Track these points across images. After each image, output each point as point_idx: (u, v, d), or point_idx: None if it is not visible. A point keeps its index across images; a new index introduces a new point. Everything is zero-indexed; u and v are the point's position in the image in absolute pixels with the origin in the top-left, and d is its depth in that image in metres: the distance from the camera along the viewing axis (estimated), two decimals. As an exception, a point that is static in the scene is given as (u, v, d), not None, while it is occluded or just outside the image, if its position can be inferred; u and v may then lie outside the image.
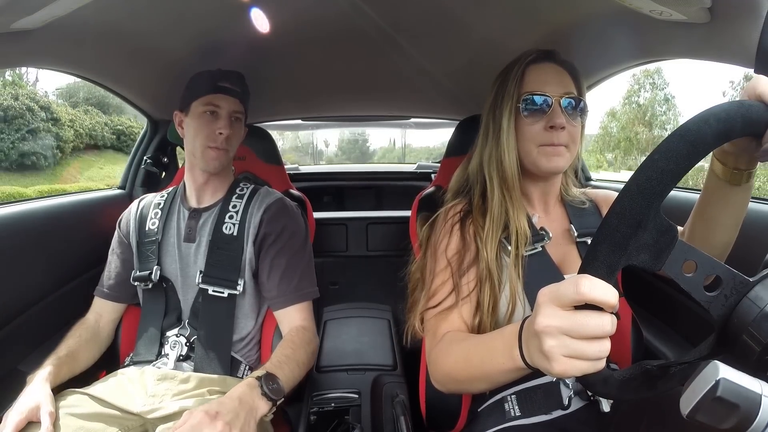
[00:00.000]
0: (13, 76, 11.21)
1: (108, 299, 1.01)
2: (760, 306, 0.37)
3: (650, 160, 0.40)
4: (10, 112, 10.73)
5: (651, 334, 1.02)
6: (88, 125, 13.27)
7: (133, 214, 1.04)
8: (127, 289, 1.02)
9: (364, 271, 1.79)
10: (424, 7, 0.99)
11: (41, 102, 11.77)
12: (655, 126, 12.43)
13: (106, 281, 1.02)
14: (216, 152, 0.97)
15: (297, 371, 0.85)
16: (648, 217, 0.39)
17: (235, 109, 0.99)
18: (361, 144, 12.56)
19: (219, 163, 0.98)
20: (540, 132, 0.73)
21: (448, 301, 0.73)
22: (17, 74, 11.23)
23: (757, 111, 0.42)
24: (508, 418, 0.73)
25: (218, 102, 0.97)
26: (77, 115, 13.21)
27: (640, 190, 0.39)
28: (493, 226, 0.75)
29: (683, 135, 0.39)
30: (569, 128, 0.73)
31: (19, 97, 10.49)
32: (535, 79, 0.75)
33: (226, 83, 0.98)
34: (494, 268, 0.73)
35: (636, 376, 0.44)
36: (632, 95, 15.94)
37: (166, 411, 0.81)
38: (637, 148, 16.08)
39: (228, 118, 0.98)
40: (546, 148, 0.73)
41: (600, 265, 0.40)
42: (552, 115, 0.72)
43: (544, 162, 0.74)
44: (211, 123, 0.96)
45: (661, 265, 0.40)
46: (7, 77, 11.21)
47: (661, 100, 13.39)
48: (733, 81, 10.58)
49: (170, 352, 0.93)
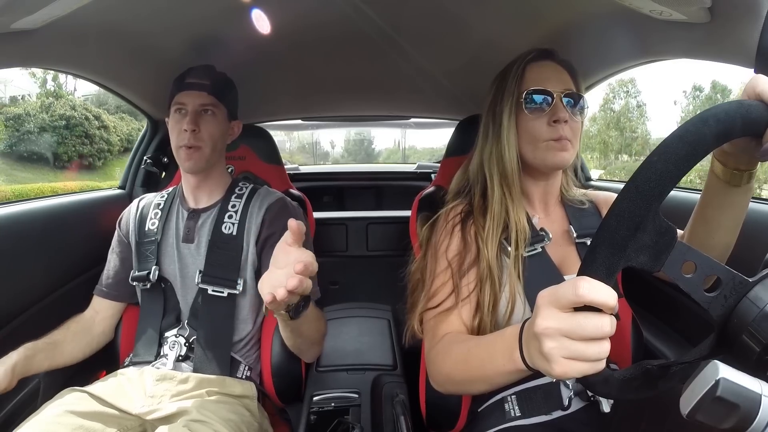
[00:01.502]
0: (56, 87, 12.33)
1: (106, 298, 1.01)
2: (760, 306, 0.37)
3: (649, 161, 0.39)
4: (72, 121, 12.50)
5: (651, 334, 1.02)
6: (126, 131, 14.69)
7: (133, 214, 1.04)
8: (125, 288, 1.01)
9: (364, 271, 1.79)
10: (424, 8, 0.99)
11: (93, 111, 13.52)
12: (625, 130, 13.70)
13: (105, 280, 1.02)
14: (186, 151, 0.95)
15: (315, 327, 0.83)
16: (647, 218, 0.39)
17: (201, 102, 0.96)
18: (366, 146, 12.70)
19: (193, 162, 0.95)
20: (544, 127, 0.74)
21: (448, 302, 0.73)
22: (58, 83, 12.26)
23: (756, 111, 0.42)
24: (508, 419, 0.73)
25: (183, 100, 0.96)
26: (116, 122, 14.68)
27: (639, 191, 0.39)
28: (493, 224, 0.75)
29: (682, 136, 0.39)
30: (571, 123, 0.74)
31: (77, 107, 11.98)
32: (535, 77, 0.76)
33: (191, 79, 0.97)
34: (495, 267, 0.73)
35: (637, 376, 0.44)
36: (608, 102, 18.02)
37: (164, 412, 0.81)
38: (611, 150, 18.29)
39: (193, 114, 0.95)
40: (552, 143, 0.73)
41: (599, 267, 0.40)
42: (555, 110, 0.73)
43: (551, 157, 0.74)
44: (180, 121, 0.95)
45: (661, 266, 0.40)
46: (49, 87, 12.41)
47: (633, 107, 14.85)
48: (685, 91, 11.99)
49: (169, 353, 0.93)
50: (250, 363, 0.98)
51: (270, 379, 0.98)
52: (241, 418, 0.85)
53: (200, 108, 0.96)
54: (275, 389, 0.98)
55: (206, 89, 0.96)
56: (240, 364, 0.96)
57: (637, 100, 15.05)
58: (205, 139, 0.96)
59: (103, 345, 1.00)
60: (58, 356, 0.89)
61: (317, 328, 0.86)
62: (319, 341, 0.90)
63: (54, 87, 12.26)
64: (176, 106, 0.97)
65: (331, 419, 1.07)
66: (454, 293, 0.73)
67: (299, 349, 0.89)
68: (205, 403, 0.83)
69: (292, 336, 0.82)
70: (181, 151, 0.95)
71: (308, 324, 0.81)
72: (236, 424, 0.82)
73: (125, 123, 14.96)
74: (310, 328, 0.83)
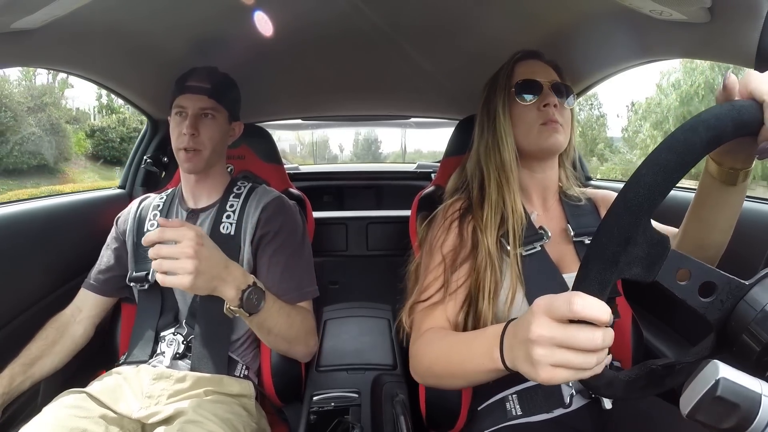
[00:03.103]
0: (109, 101, 12.89)
1: (93, 291, 1.00)
2: (758, 308, 0.37)
3: (637, 175, 0.39)
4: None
5: (651, 334, 1.02)
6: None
7: (132, 214, 1.04)
8: (114, 283, 1.01)
9: (364, 270, 1.79)
10: (424, 8, 0.99)
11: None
12: (587, 137, 14.90)
13: (95, 275, 1.01)
14: (185, 154, 0.95)
15: (285, 323, 0.86)
16: (637, 232, 0.39)
17: (201, 106, 0.96)
18: (374, 150, 12.88)
19: (192, 164, 0.96)
20: (535, 112, 0.78)
21: (436, 296, 0.74)
22: (110, 99, 12.82)
23: (748, 112, 0.41)
24: (509, 417, 0.74)
25: (183, 103, 0.96)
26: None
27: (627, 207, 0.39)
28: (491, 212, 0.76)
29: (670, 147, 0.39)
30: (560, 109, 0.78)
31: (126, 122, 12.50)
32: (524, 71, 0.81)
33: (192, 82, 0.96)
34: (495, 254, 0.74)
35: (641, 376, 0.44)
36: (575, 114, 19.76)
37: (162, 415, 0.81)
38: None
39: (193, 118, 0.95)
40: (544, 126, 0.77)
41: (592, 283, 0.41)
42: (544, 96, 0.78)
43: (544, 139, 0.77)
44: (180, 124, 0.95)
45: (654, 275, 0.40)
46: (103, 100, 13.00)
47: (596, 117, 16.52)
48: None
49: (167, 350, 0.93)
50: (247, 362, 0.98)
51: (269, 378, 0.98)
52: (238, 417, 0.85)
53: (200, 111, 0.96)
54: (275, 389, 0.98)
55: (206, 92, 0.96)
56: (237, 363, 0.96)
57: (599, 111, 16.59)
58: (204, 143, 0.96)
59: (82, 347, 0.98)
60: (38, 372, 0.89)
61: (289, 324, 0.87)
62: (297, 338, 0.90)
63: (107, 101, 13.02)
64: (176, 109, 0.97)
65: (331, 419, 1.07)
66: (443, 288, 0.74)
67: (277, 347, 0.91)
68: (202, 402, 0.83)
69: (261, 333, 0.85)
70: (181, 153, 0.96)
71: (274, 319, 0.83)
72: (233, 424, 0.82)
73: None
74: (279, 324, 0.85)
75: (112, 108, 12.75)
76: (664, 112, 12.47)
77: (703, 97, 11.26)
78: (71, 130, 10.58)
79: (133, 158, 1.49)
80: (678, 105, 11.83)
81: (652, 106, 13.44)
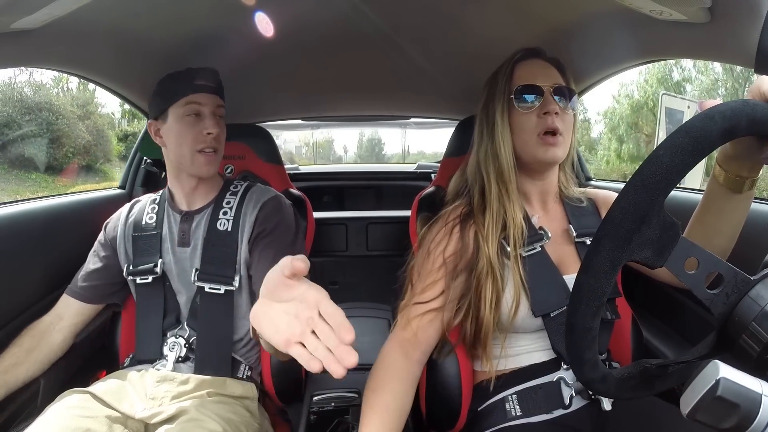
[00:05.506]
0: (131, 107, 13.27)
1: (77, 298, 0.97)
2: (761, 305, 0.37)
3: (655, 155, 0.39)
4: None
5: (651, 334, 1.01)
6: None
7: (124, 216, 1.03)
8: (99, 290, 0.98)
9: (364, 271, 1.79)
10: (423, 8, 0.99)
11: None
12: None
13: (80, 282, 0.98)
14: (206, 156, 0.94)
15: None
16: (652, 212, 0.39)
17: (218, 104, 0.96)
18: (378, 151, 12.98)
19: (214, 166, 0.95)
20: (535, 120, 0.75)
21: (435, 302, 0.74)
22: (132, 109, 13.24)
23: (762, 110, 0.42)
24: (509, 418, 0.74)
25: (200, 100, 0.93)
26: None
27: (645, 185, 0.39)
28: (493, 221, 0.76)
29: (688, 131, 0.39)
30: (562, 115, 0.75)
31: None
32: (524, 74, 0.78)
33: (204, 81, 0.94)
34: (496, 263, 0.73)
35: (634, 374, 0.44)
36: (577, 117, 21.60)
37: (165, 415, 0.81)
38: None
39: (213, 117, 0.94)
40: (543, 138, 0.74)
41: (603, 260, 0.40)
42: (545, 103, 0.75)
43: (542, 153, 0.75)
44: (196, 124, 0.93)
45: (664, 261, 0.40)
46: (125, 107, 13.26)
47: (581, 121, 16.91)
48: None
49: (169, 354, 0.92)
50: (251, 363, 0.98)
51: (270, 378, 0.98)
52: (241, 418, 0.85)
53: (217, 110, 0.96)
54: (275, 389, 0.98)
55: (216, 91, 0.97)
56: (241, 364, 0.96)
57: (584, 115, 17.31)
58: (221, 142, 0.97)
59: (61, 356, 0.94)
60: (12, 380, 0.84)
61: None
62: None
63: (129, 108, 13.28)
64: (191, 108, 0.93)
65: (331, 419, 1.07)
66: (443, 294, 0.74)
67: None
68: (205, 402, 0.83)
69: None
70: (200, 156, 0.93)
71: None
72: (235, 424, 0.82)
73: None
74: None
75: (134, 114, 13.07)
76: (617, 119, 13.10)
77: (653, 105, 11.68)
78: (112, 135, 11.05)
79: (133, 158, 1.49)
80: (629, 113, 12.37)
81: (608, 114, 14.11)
